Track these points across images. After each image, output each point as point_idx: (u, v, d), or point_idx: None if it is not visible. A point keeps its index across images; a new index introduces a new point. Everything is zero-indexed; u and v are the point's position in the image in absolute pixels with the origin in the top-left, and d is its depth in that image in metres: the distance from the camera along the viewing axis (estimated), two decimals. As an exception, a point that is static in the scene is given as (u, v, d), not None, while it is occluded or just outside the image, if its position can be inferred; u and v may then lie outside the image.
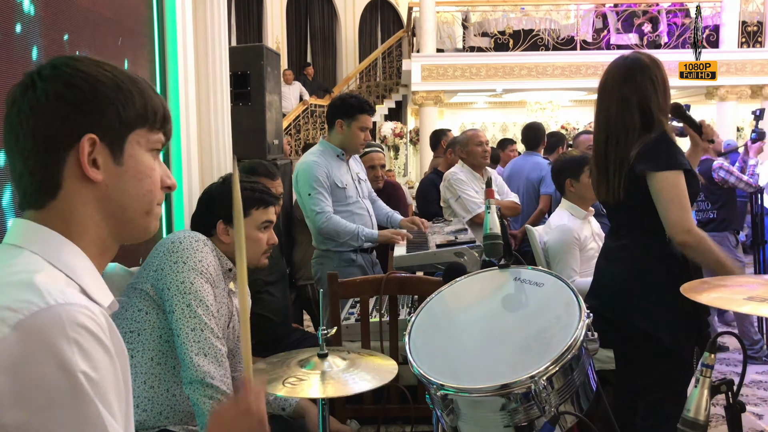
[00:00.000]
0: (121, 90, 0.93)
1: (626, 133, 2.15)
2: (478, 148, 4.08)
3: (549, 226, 3.19)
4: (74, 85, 0.90)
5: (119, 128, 0.93)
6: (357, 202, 3.39)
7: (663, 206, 2.08)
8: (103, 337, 0.81)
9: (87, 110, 0.90)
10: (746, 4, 11.64)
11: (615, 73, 2.22)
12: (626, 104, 2.15)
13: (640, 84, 2.15)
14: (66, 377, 0.76)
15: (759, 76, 10.99)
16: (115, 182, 0.93)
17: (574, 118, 13.20)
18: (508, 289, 1.68)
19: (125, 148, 0.94)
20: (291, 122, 11.62)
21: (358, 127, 3.31)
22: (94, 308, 0.83)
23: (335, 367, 1.74)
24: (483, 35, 11.85)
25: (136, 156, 0.95)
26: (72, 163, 0.90)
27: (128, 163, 0.94)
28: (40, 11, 1.90)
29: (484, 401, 1.39)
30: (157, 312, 1.88)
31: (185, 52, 2.97)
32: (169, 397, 1.89)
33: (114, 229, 0.96)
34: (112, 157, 0.93)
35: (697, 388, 1.24)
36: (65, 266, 0.88)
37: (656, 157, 2.09)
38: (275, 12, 13.85)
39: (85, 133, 0.90)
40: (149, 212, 0.98)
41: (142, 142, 0.96)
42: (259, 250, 2.05)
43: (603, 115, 2.23)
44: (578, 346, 1.41)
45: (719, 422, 3.40)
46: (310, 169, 3.25)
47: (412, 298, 2.85)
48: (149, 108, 0.96)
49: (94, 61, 0.94)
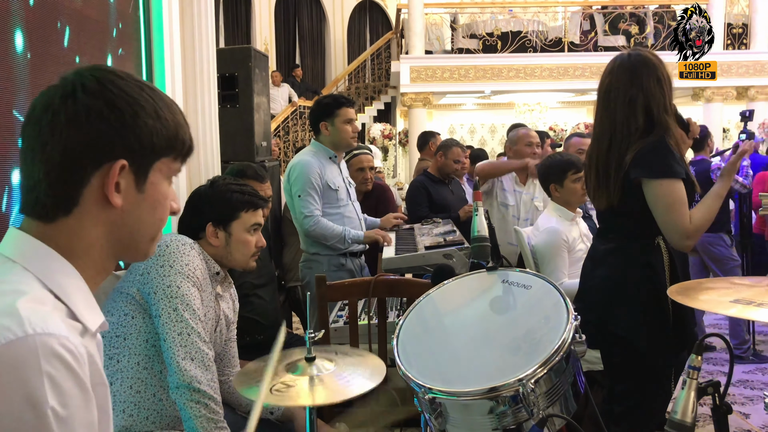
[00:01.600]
0: (159, 117, 0.92)
1: (629, 136, 2.10)
2: (527, 148, 4.00)
3: (537, 228, 3.19)
4: (117, 107, 0.88)
5: (149, 155, 0.92)
6: (348, 205, 3.39)
7: (660, 214, 2.05)
8: (79, 371, 0.79)
9: (124, 134, 0.88)
10: (731, 7, 11.75)
11: (620, 74, 2.14)
12: (633, 107, 2.09)
13: (646, 84, 2.09)
14: (33, 413, 0.74)
15: (744, 77, 11.09)
16: (131, 209, 0.92)
17: (562, 119, 13.27)
18: (497, 292, 1.68)
19: (149, 175, 0.93)
20: (280, 124, 11.59)
21: (342, 121, 3.31)
22: (75, 339, 0.80)
23: (323, 371, 1.73)
24: (471, 37, 11.87)
25: (156, 184, 0.94)
26: (96, 184, 0.88)
27: (148, 191, 0.93)
28: (28, 14, 1.88)
29: (472, 404, 1.39)
30: (144, 316, 1.87)
31: (172, 53, 2.96)
32: (155, 402, 1.88)
33: (116, 252, 0.94)
34: (135, 184, 0.91)
35: (684, 390, 1.25)
36: (57, 286, 0.86)
37: (651, 164, 2.05)
38: (263, 13, 13.81)
39: (118, 157, 0.88)
40: (154, 239, 0.97)
41: (164, 170, 0.95)
42: (248, 252, 2.05)
43: (608, 119, 2.15)
44: (566, 349, 1.41)
45: (706, 422, 3.41)
46: (304, 169, 3.24)
47: (401, 301, 2.85)
48: (179, 138, 0.95)
49: (138, 82, 0.93)
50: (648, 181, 2.05)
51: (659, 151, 2.05)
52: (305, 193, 3.22)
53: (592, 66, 11.17)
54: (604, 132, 2.17)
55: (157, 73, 2.87)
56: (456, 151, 4.43)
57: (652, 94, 2.08)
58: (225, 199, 2.02)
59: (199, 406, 1.79)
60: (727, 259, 4.72)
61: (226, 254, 2.02)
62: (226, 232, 2.01)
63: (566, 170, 3.09)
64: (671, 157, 2.05)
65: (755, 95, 11.20)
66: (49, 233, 0.89)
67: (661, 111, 2.09)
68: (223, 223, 2.01)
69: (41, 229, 0.89)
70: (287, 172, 3.35)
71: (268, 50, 13.22)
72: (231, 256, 2.03)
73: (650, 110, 2.09)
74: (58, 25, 2.08)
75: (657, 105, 2.09)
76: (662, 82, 2.10)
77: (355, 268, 3.37)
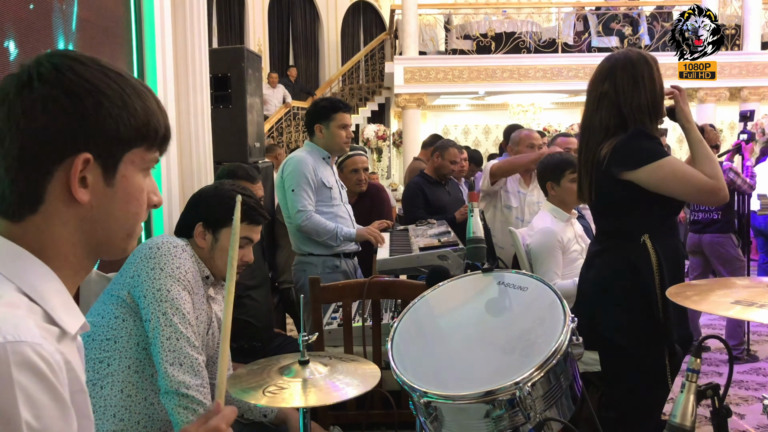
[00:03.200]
0: (126, 105, 0.85)
1: (596, 132, 2.12)
2: (528, 150, 3.99)
3: (532, 228, 3.18)
4: (76, 94, 0.82)
5: (116, 147, 0.85)
6: (340, 205, 3.39)
7: (676, 192, 2.04)
8: (54, 381, 0.75)
9: (86, 125, 0.82)
10: (724, 8, 11.79)
11: (598, 70, 2.17)
12: (600, 102, 2.11)
13: (619, 81, 2.09)
14: (6, 427, 0.70)
15: (737, 78, 11.14)
16: (101, 204, 0.86)
17: (556, 120, 13.28)
18: (492, 293, 1.67)
19: (119, 168, 0.86)
20: (273, 125, 11.56)
21: (337, 126, 3.32)
22: (49, 345, 0.76)
23: (317, 374, 1.71)
24: (465, 38, 11.88)
25: (128, 177, 0.87)
26: (59, 178, 0.82)
27: (120, 185, 0.87)
28: (18, 13, 1.85)
29: (468, 408, 1.37)
30: (134, 319, 1.84)
31: (164, 53, 2.93)
32: (146, 406, 1.85)
33: (92, 249, 0.88)
34: (103, 178, 0.85)
35: (683, 393, 1.23)
36: (31, 288, 0.81)
37: (629, 155, 2.04)
38: (257, 14, 13.77)
39: (80, 150, 0.82)
40: (130, 234, 0.91)
41: (137, 161, 0.88)
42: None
43: (587, 115, 2.20)
44: (563, 351, 1.39)
45: (703, 423, 3.41)
46: (298, 164, 3.25)
47: (396, 303, 2.83)
48: (151, 126, 0.88)
49: (100, 67, 0.86)
50: (632, 172, 2.03)
51: (634, 140, 2.04)
52: (299, 188, 3.21)
53: (585, 67, 11.18)
54: (582, 130, 2.22)
55: (148, 73, 2.84)
56: (452, 152, 4.42)
57: (624, 92, 2.08)
58: (222, 204, 1.95)
59: (187, 412, 1.76)
60: (735, 259, 4.72)
61: (209, 258, 1.97)
62: (214, 237, 1.97)
63: (564, 169, 3.08)
64: (649, 142, 2.04)
65: (748, 96, 11.25)
66: (19, 233, 0.84)
67: (634, 110, 2.07)
68: (213, 227, 1.96)
69: (10, 229, 0.84)
70: (281, 168, 3.34)
71: (262, 51, 13.19)
72: (213, 261, 1.97)
73: (620, 108, 2.08)
74: (57, 30, 2.06)
75: (628, 104, 2.07)
76: (638, 80, 2.08)
77: (349, 269, 3.35)
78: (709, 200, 2.08)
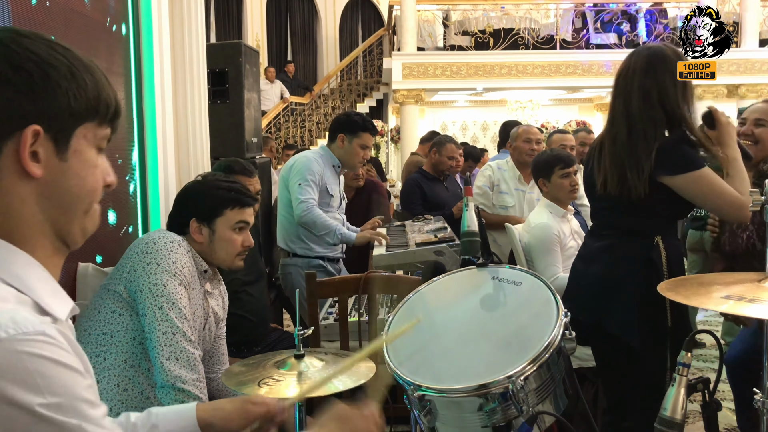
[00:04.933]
0: (75, 78, 0.84)
1: (654, 127, 2.06)
2: (524, 145, 3.96)
3: (529, 224, 3.19)
4: (22, 67, 0.80)
5: (67, 120, 0.84)
6: (334, 213, 3.45)
7: (708, 203, 2.06)
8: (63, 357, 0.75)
9: (34, 98, 0.81)
10: (722, 5, 11.79)
11: (636, 62, 2.12)
12: (648, 97, 2.07)
13: (660, 77, 2.07)
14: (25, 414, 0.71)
15: (735, 75, 11.14)
16: (56, 179, 0.84)
17: (554, 116, 13.28)
18: (487, 289, 1.68)
19: (71, 142, 0.85)
20: (271, 120, 11.56)
21: (359, 144, 3.38)
22: (50, 329, 0.75)
23: (312, 368, 1.72)
24: (463, 34, 11.87)
25: (81, 152, 0.86)
26: (9, 154, 0.81)
27: (72, 159, 0.85)
28: (11, 5, 1.85)
29: (461, 402, 1.38)
30: (131, 314, 1.85)
31: (161, 48, 2.93)
32: (143, 400, 1.86)
33: (56, 229, 0.87)
34: (55, 152, 0.83)
35: (673, 387, 1.24)
36: (15, 278, 0.80)
37: (672, 160, 2.02)
38: (255, 9, 13.76)
39: (29, 123, 0.80)
40: (87, 211, 0.89)
41: (89, 136, 0.87)
42: (233, 251, 2.02)
43: (623, 105, 2.12)
44: (556, 345, 1.40)
45: (696, 418, 3.42)
46: (308, 162, 3.31)
47: (391, 298, 2.84)
48: (102, 100, 0.87)
49: (46, 41, 0.84)
50: (674, 177, 2.02)
51: (678, 145, 2.03)
52: (305, 182, 3.27)
53: (583, 63, 11.20)
54: (621, 118, 2.12)
55: (146, 67, 2.84)
56: (450, 148, 4.42)
57: (665, 88, 2.06)
58: (210, 195, 1.99)
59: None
60: None
61: (210, 251, 1.99)
62: (210, 229, 1.98)
63: (554, 165, 3.09)
64: (692, 150, 2.04)
65: (745, 93, 11.26)
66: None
67: (674, 106, 2.07)
68: (207, 220, 1.98)
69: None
70: (288, 165, 3.39)
71: (260, 46, 13.18)
72: (215, 254, 1.99)
73: (666, 104, 2.06)
74: (52, 24, 2.05)
75: (671, 100, 2.06)
76: (675, 77, 2.07)
77: (335, 272, 3.43)
78: (735, 216, 2.07)
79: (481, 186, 4.04)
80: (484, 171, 4.12)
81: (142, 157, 2.79)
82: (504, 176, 4.01)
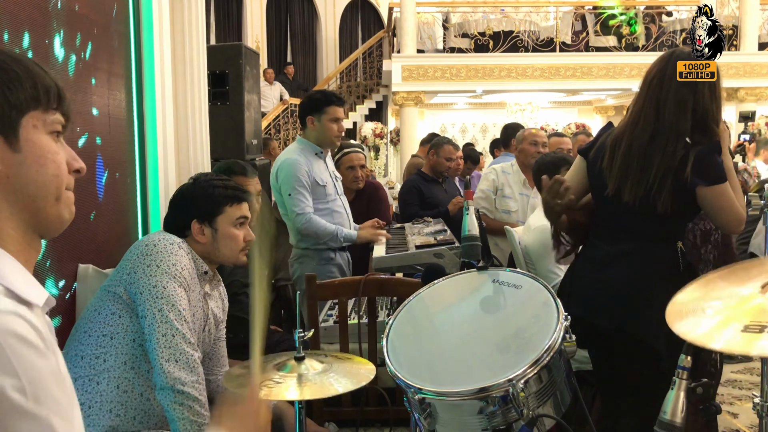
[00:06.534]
0: (5, 71, 0.86)
1: (677, 139, 2.01)
2: (530, 147, 3.93)
3: (529, 227, 3.19)
4: None
5: (9, 113, 0.85)
6: (335, 200, 3.41)
7: (722, 215, 2.01)
8: (36, 340, 0.76)
9: None
10: (722, 9, 11.81)
11: (674, 69, 2.04)
12: (683, 108, 2.02)
13: (700, 89, 2.02)
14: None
15: (734, 78, 11.16)
16: (16, 171, 0.85)
17: (553, 119, 13.30)
18: (487, 291, 1.68)
19: (20, 133, 0.86)
20: (271, 122, 11.56)
21: (329, 119, 3.32)
22: (23, 310, 0.77)
23: (312, 370, 1.73)
24: (463, 36, 11.88)
25: (34, 140, 0.87)
26: None
27: (26, 149, 0.86)
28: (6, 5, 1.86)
29: (461, 405, 1.38)
30: (131, 315, 1.85)
31: (162, 50, 2.93)
32: (143, 402, 1.86)
33: (28, 222, 0.88)
34: (7, 145, 0.85)
35: (673, 390, 1.25)
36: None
37: (708, 170, 1.99)
38: (255, 11, 13.77)
39: None
40: (59, 198, 0.90)
41: (39, 124, 0.88)
42: (236, 247, 2.03)
43: (652, 111, 2.06)
44: (556, 349, 1.41)
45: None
46: (291, 167, 3.25)
47: (391, 300, 2.84)
48: (40, 88, 0.89)
49: None
50: (705, 188, 1.99)
51: (713, 155, 2.00)
52: (295, 192, 3.23)
53: (583, 66, 11.21)
54: (645, 123, 2.07)
55: (146, 69, 2.84)
56: (447, 149, 4.43)
57: (704, 100, 2.03)
58: (208, 195, 2.00)
59: (183, 408, 1.77)
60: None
61: (214, 250, 2.00)
62: (212, 228, 1.99)
63: (560, 166, 3.08)
64: (721, 161, 2.02)
65: (745, 96, 11.27)
66: None
67: (710, 120, 2.03)
68: (208, 219, 1.99)
69: None
70: (274, 171, 3.35)
71: (260, 48, 13.19)
72: (219, 252, 2.01)
73: (700, 116, 2.03)
74: (53, 26, 2.06)
75: (708, 113, 2.03)
76: (714, 90, 2.05)
77: (343, 262, 3.40)
78: (737, 229, 2.06)
79: (484, 190, 4.03)
80: (488, 175, 4.09)
81: (142, 158, 2.79)
82: (508, 180, 4.00)
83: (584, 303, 2.14)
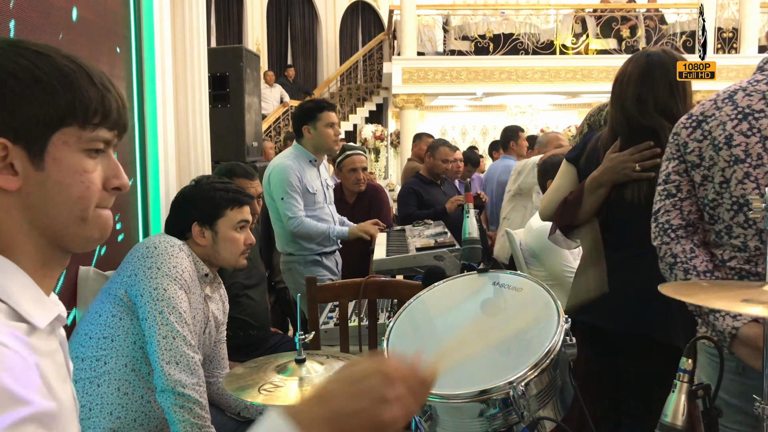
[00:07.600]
0: (40, 84, 0.80)
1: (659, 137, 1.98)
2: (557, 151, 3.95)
3: (530, 228, 3.18)
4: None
5: (37, 129, 0.80)
6: (323, 207, 3.46)
7: None
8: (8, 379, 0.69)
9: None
10: (722, 11, 11.84)
11: (633, 68, 2.04)
12: (644, 106, 2.00)
13: (656, 86, 2.00)
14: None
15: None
16: (36, 190, 0.81)
17: (553, 121, 13.31)
18: (487, 294, 1.68)
19: (48, 150, 0.81)
20: (271, 124, 11.57)
21: (324, 125, 3.35)
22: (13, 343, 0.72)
23: (313, 373, 1.72)
24: (463, 39, 11.90)
25: (61, 159, 0.82)
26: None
27: (50, 168, 0.81)
28: (12, 9, 1.86)
29: (462, 407, 1.38)
30: (132, 318, 1.85)
31: (163, 52, 2.93)
32: (143, 404, 1.86)
33: (50, 239, 0.84)
34: (30, 162, 0.80)
35: (674, 393, 1.24)
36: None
37: None
38: (255, 13, 13.78)
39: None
40: (85, 219, 0.85)
41: (72, 141, 0.83)
42: (237, 250, 2.04)
43: (621, 113, 2.06)
44: (557, 351, 1.40)
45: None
46: (283, 172, 3.29)
47: (392, 302, 2.84)
48: (78, 103, 0.82)
49: (13, 46, 0.81)
50: None
51: None
52: (287, 196, 3.28)
53: (583, 69, 11.22)
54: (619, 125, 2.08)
55: (147, 72, 2.84)
56: (443, 151, 4.44)
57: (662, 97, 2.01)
58: (209, 198, 2.01)
59: (183, 411, 1.77)
60: None
61: (214, 253, 2.01)
62: (213, 231, 2.00)
63: None
64: None
65: (745, 99, 11.27)
66: None
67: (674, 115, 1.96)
68: (209, 222, 1.99)
69: None
70: (266, 175, 3.37)
71: (260, 50, 13.20)
72: (219, 255, 2.01)
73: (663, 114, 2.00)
74: (52, 25, 2.06)
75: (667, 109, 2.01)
76: (674, 87, 2.01)
77: (331, 264, 3.46)
78: None
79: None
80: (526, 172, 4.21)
81: (143, 160, 2.79)
82: None
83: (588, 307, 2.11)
